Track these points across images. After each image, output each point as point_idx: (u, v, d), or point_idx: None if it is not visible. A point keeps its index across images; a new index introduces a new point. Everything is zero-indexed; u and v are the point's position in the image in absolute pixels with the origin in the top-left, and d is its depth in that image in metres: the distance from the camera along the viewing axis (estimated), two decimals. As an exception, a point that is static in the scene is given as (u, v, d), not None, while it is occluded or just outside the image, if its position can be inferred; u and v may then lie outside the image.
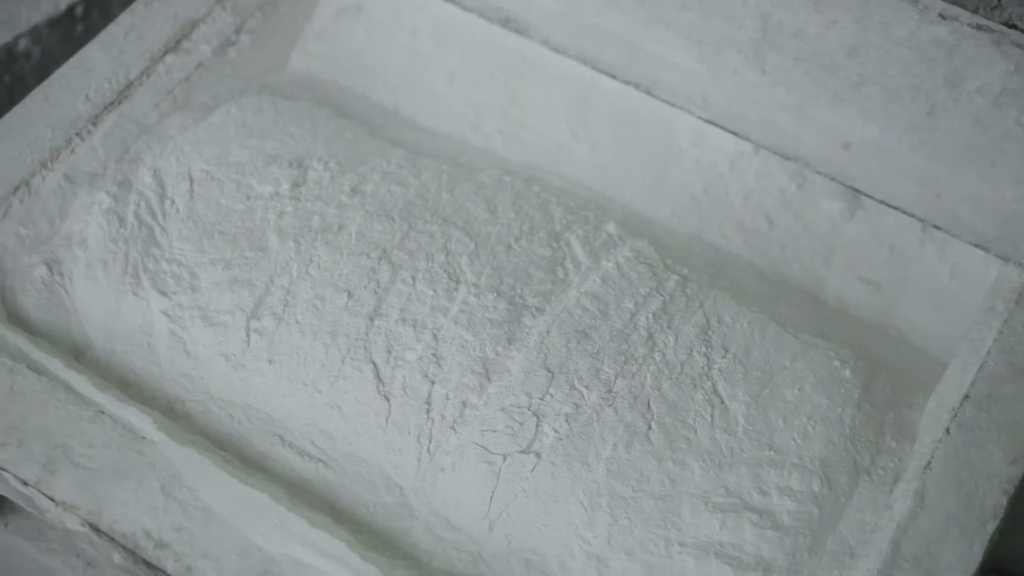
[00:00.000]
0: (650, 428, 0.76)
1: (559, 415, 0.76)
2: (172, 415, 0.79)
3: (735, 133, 0.91)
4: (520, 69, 0.96)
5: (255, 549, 0.72)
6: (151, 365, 0.81)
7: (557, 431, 0.76)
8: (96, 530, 0.73)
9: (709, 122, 0.91)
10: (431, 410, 0.77)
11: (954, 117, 0.86)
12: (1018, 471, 0.75)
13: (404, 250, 0.83)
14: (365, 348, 0.79)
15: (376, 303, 0.80)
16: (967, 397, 0.78)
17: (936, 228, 0.88)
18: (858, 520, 0.75)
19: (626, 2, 0.92)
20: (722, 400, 0.78)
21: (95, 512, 0.73)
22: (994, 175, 0.86)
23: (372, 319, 0.80)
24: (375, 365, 0.78)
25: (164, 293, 0.82)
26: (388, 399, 0.77)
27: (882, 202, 0.88)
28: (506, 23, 0.96)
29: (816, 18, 0.89)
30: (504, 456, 0.75)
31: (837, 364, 0.80)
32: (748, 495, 0.75)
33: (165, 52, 0.93)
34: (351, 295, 0.81)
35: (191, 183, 0.86)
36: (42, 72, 1.16)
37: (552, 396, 0.77)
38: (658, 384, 0.78)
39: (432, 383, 0.78)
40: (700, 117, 0.91)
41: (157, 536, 0.73)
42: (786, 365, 0.80)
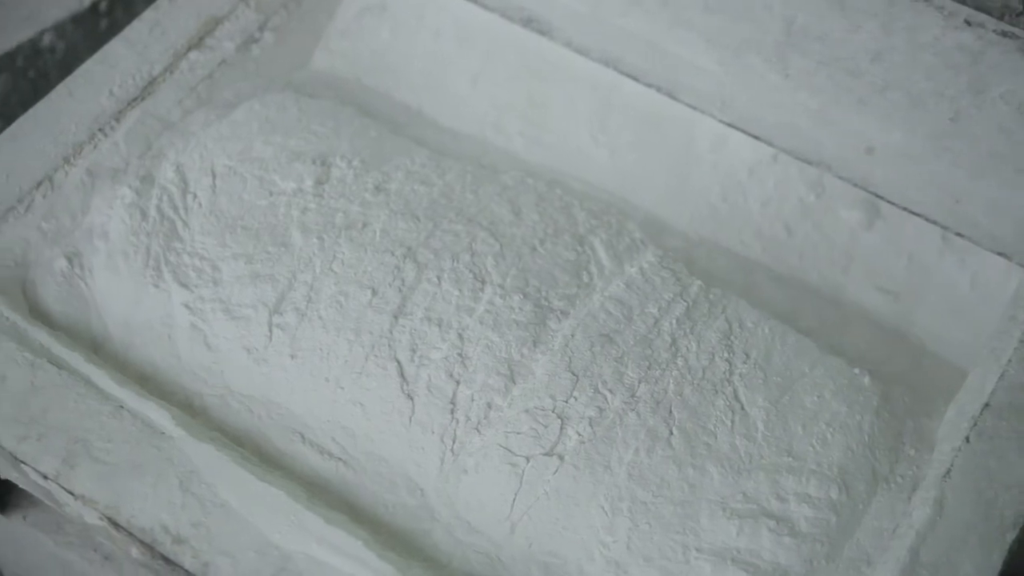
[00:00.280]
0: (671, 433, 0.76)
1: (583, 418, 0.76)
2: (191, 410, 0.80)
3: (757, 137, 0.91)
4: (542, 71, 0.96)
5: (272, 546, 0.72)
6: (171, 358, 0.82)
7: (580, 434, 0.76)
8: (115, 524, 0.73)
9: (731, 125, 0.91)
10: (456, 410, 0.77)
11: (978, 124, 0.86)
12: (1038, 480, 0.75)
13: (429, 249, 0.82)
14: (389, 346, 0.79)
15: (401, 301, 0.80)
16: (987, 406, 0.77)
17: (958, 235, 0.87)
18: (876, 527, 0.75)
19: (649, 4, 0.92)
20: (742, 406, 0.77)
21: (114, 506, 0.74)
22: (1018, 182, 0.85)
23: (396, 317, 0.80)
24: (399, 363, 0.78)
25: (185, 286, 0.82)
26: (412, 398, 0.77)
27: (904, 208, 0.88)
28: (528, 23, 0.96)
29: (841, 22, 0.89)
30: (527, 458, 0.75)
31: (856, 371, 0.80)
32: (766, 501, 0.75)
33: (189, 49, 0.93)
34: (375, 292, 0.80)
35: (214, 178, 0.87)
36: (66, 67, 1.17)
37: (576, 399, 0.77)
38: (680, 389, 0.78)
39: (457, 383, 0.77)
40: (722, 120, 0.91)
41: (175, 531, 0.73)
42: (806, 372, 0.80)
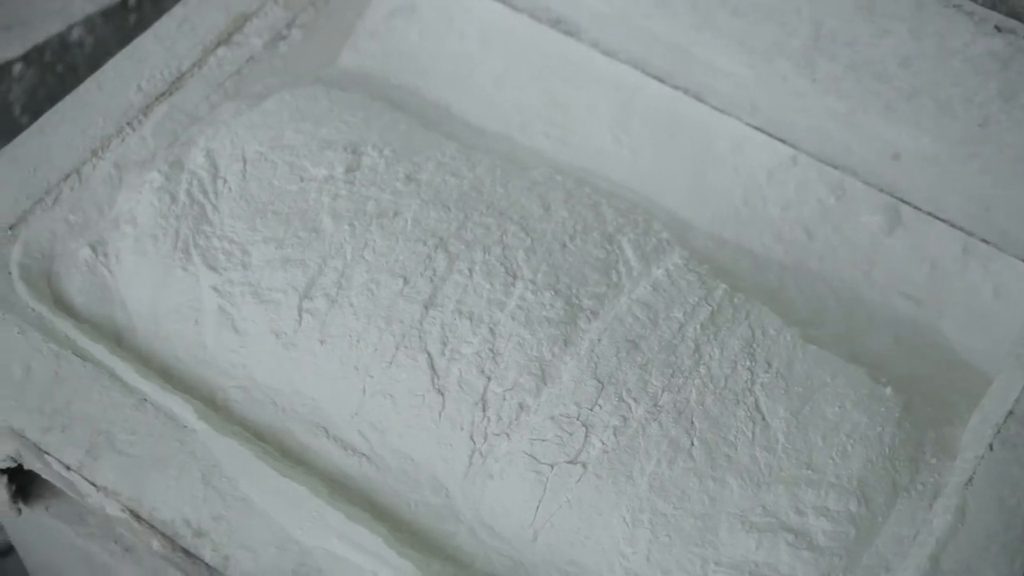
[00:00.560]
0: (692, 444, 0.75)
1: (607, 427, 0.76)
2: (213, 405, 0.80)
3: (783, 140, 0.91)
4: (566, 73, 0.96)
5: (292, 541, 0.73)
6: (196, 347, 0.81)
7: (604, 443, 0.75)
8: (136, 516, 0.74)
9: (757, 128, 0.91)
10: (487, 408, 0.76)
11: (1007, 130, 0.86)
12: (1062, 490, 0.74)
13: (461, 240, 0.82)
14: (420, 337, 0.78)
15: (432, 291, 0.80)
16: (1011, 414, 0.77)
17: (983, 241, 0.87)
18: (896, 534, 0.74)
19: (678, 6, 0.92)
20: (763, 416, 0.77)
21: (136, 499, 0.74)
22: (1046, 190, 0.85)
23: (427, 307, 0.79)
24: (430, 355, 0.78)
25: (214, 269, 0.82)
26: (442, 393, 0.77)
27: (929, 214, 0.88)
28: (556, 24, 0.96)
29: (869, 27, 0.89)
30: (552, 466, 0.75)
31: (878, 381, 0.80)
32: (785, 515, 0.74)
33: (217, 45, 0.94)
34: (407, 281, 0.80)
35: (244, 164, 0.86)
36: (94, 62, 1.17)
37: (601, 407, 0.76)
38: (702, 399, 0.77)
39: (488, 379, 0.77)
40: (748, 124, 0.91)
41: (196, 525, 0.73)
42: (827, 381, 0.79)
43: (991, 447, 0.76)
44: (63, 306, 0.83)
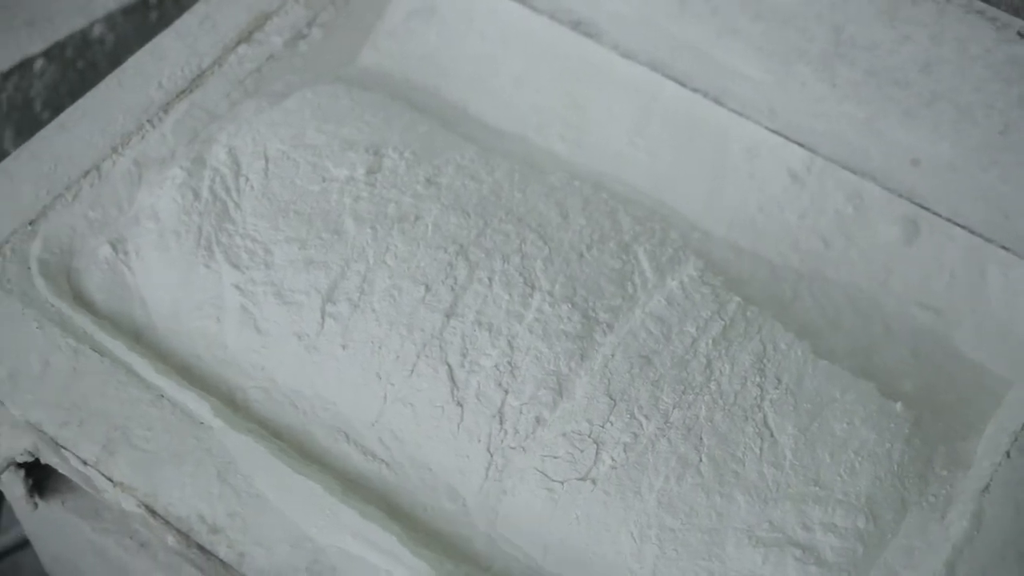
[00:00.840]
0: (701, 460, 0.75)
1: (618, 444, 0.75)
2: (233, 404, 0.80)
3: (801, 145, 0.90)
4: (585, 75, 0.96)
5: (306, 539, 0.73)
6: (216, 347, 0.81)
7: (614, 460, 0.75)
8: (152, 512, 0.74)
9: (777, 133, 0.91)
10: (504, 421, 0.76)
11: (1028, 137, 0.85)
12: (1079, 498, 0.74)
13: (481, 248, 0.82)
14: (441, 348, 0.78)
15: (452, 300, 0.80)
16: (1029, 421, 0.77)
17: (1003, 249, 0.86)
18: (905, 547, 0.74)
19: (699, 10, 0.92)
20: (771, 433, 0.76)
21: (151, 494, 0.74)
22: (1066, 197, 0.85)
23: (448, 317, 0.79)
24: (450, 367, 0.78)
25: (237, 267, 0.82)
26: (461, 404, 0.77)
27: (948, 220, 0.87)
28: (577, 26, 0.96)
29: (890, 32, 0.88)
30: (563, 483, 0.75)
31: (888, 397, 0.79)
32: (792, 530, 0.74)
33: (238, 43, 0.94)
34: (428, 288, 0.80)
35: (266, 162, 0.86)
36: (115, 59, 1.18)
37: (612, 424, 0.76)
38: (711, 415, 0.77)
39: (506, 393, 0.77)
40: (768, 128, 0.91)
41: (211, 521, 0.73)
42: (837, 397, 0.78)
43: (1008, 454, 0.75)
44: (82, 302, 0.83)
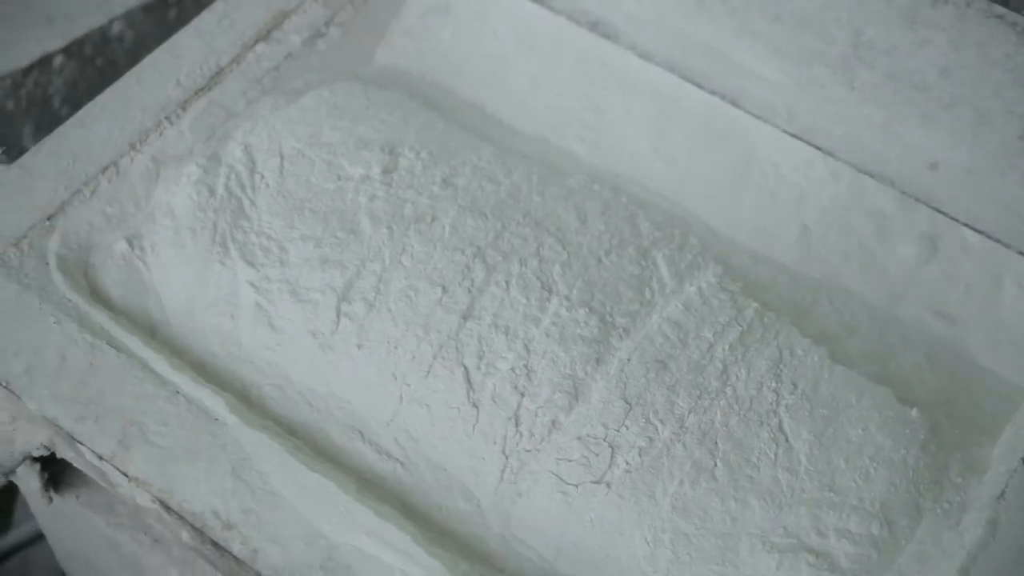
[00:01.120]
0: (716, 465, 0.75)
1: (632, 448, 0.75)
2: (248, 402, 0.80)
3: (819, 148, 0.90)
4: (602, 76, 0.96)
5: (320, 536, 0.73)
6: (231, 344, 0.81)
7: (628, 463, 0.75)
8: (166, 507, 0.74)
9: (794, 136, 0.90)
10: (519, 424, 0.76)
11: (1047, 143, 0.85)
12: (1095, 506, 0.74)
13: (498, 250, 0.82)
14: (457, 349, 0.78)
15: (469, 302, 0.80)
16: (1046, 428, 0.76)
17: (1021, 254, 0.86)
18: (919, 553, 0.73)
19: (718, 11, 0.92)
20: (787, 438, 0.76)
21: (166, 490, 0.74)
22: (1085, 203, 0.84)
23: (465, 319, 0.79)
24: (466, 369, 0.77)
25: (252, 264, 0.82)
26: (477, 406, 0.76)
27: (965, 224, 0.87)
28: (594, 27, 0.96)
29: (909, 36, 0.88)
30: (577, 486, 0.75)
31: (904, 403, 0.79)
32: (806, 536, 0.73)
33: (256, 41, 0.94)
34: (445, 290, 0.80)
35: (282, 159, 0.86)
36: (134, 56, 1.18)
37: (627, 428, 0.76)
38: (727, 420, 0.76)
39: (522, 396, 0.77)
40: (786, 131, 0.90)
41: (225, 517, 0.73)
42: (852, 403, 0.78)
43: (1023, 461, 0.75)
44: (99, 297, 0.83)
